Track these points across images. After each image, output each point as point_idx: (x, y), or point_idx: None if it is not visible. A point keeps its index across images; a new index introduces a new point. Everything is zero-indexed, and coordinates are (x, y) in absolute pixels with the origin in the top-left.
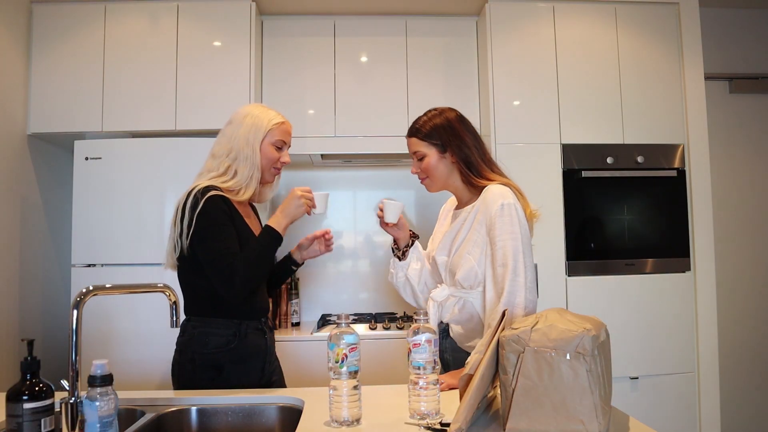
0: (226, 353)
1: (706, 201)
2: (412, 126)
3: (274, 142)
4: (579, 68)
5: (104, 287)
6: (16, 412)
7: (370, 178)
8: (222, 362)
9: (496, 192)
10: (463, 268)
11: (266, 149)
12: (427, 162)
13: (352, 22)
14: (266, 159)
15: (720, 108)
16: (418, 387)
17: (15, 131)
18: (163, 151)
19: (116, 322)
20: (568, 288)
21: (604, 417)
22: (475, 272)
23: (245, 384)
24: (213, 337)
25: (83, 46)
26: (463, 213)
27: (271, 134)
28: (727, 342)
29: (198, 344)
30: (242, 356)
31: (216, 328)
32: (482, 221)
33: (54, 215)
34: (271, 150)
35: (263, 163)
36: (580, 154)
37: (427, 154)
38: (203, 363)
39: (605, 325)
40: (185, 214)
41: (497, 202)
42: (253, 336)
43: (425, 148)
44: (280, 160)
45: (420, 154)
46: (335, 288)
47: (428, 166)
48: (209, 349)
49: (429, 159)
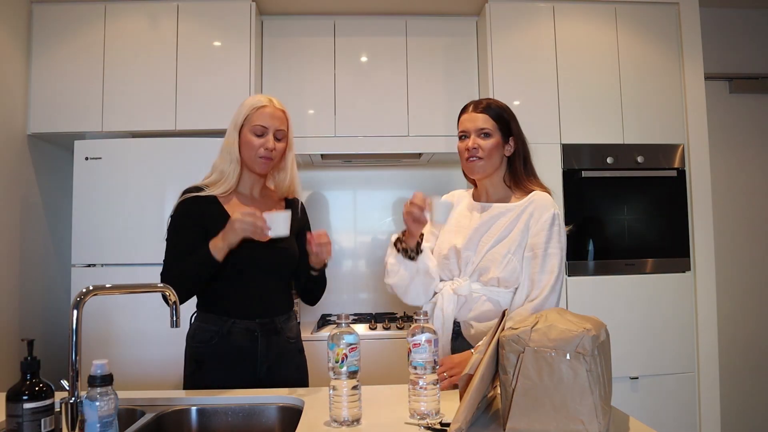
0: (207, 348)
1: (706, 201)
2: (481, 103)
3: (252, 128)
4: (579, 68)
5: (104, 287)
6: (16, 412)
7: (370, 178)
8: (203, 357)
9: (549, 200)
10: (506, 268)
11: (245, 138)
12: (492, 143)
13: (352, 22)
14: (246, 148)
15: (720, 108)
16: (418, 387)
17: (15, 131)
18: (163, 151)
19: (116, 322)
20: (568, 288)
21: (604, 417)
22: (518, 274)
23: (227, 385)
24: (200, 331)
25: (83, 46)
26: (500, 210)
27: (249, 120)
28: (727, 342)
29: (190, 337)
30: (223, 355)
31: (204, 323)
32: (528, 224)
33: (54, 215)
34: (250, 138)
35: (244, 153)
36: (580, 154)
37: (493, 135)
38: (189, 355)
39: (605, 325)
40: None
41: (550, 210)
42: (238, 336)
43: (493, 128)
44: (263, 147)
45: (488, 131)
46: (335, 288)
47: (491, 147)
48: (194, 343)
49: (493, 140)
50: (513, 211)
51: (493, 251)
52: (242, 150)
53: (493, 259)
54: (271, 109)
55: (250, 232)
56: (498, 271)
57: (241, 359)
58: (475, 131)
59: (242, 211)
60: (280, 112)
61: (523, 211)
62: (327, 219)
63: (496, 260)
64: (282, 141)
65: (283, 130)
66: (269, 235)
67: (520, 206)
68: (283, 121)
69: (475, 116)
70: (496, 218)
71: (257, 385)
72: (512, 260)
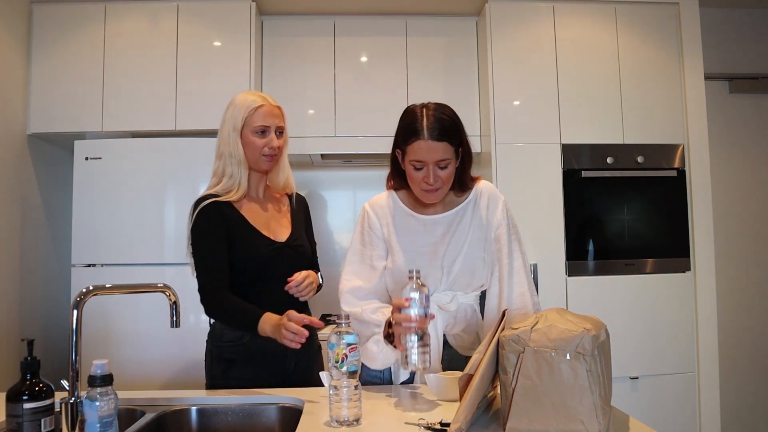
0: (238, 347)
1: (706, 201)
2: (434, 125)
3: (254, 129)
4: (579, 68)
5: (104, 287)
6: (16, 412)
7: (370, 178)
8: (234, 356)
9: (492, 189)
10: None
11: (248, 139)
12: (451, 170)
13: (352, 22)
14: (250, 150)
15: (720, 108)
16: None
17: (15, 131)
18: (163, 151)
19: (116, 322)
20: (568, 288)
21: (604, 417)
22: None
23: (259, 383)
24: (229, 330)
25: (83, 46)
26: (449, 217)
27: (249, 122)
28: (727, 342)
29: (216, 337)
30: (254, 353)
31: None
32: (482, 220)
33: (54, 215)
34: (252, 139)
35: (249, 155)
36: (580, 154)
37: (452, 161)
38: (218, 355)
39: (605, 325)
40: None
41: (501, 199)
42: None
43: (452, 155)
44: (268, 146)
45: (447, 162)
46: (334, 288)
47: (450, 174)
48: (223, 342)
49: (452, 166)
50: (466, 208)
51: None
52: (246, 151)
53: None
54: (269, 107)
55: (287, 341)
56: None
57: (274, 359)
58: (433, 163)
59: (292, 326)
60: (277, 108)
61: (478, 206)
62: (326, 219)
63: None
64: (281, 137)
65: (282, 126)
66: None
67: (471, 201)
68: (281, 118)
69: (434, 146)
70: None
71: (287, 381)
72: (480, 263)
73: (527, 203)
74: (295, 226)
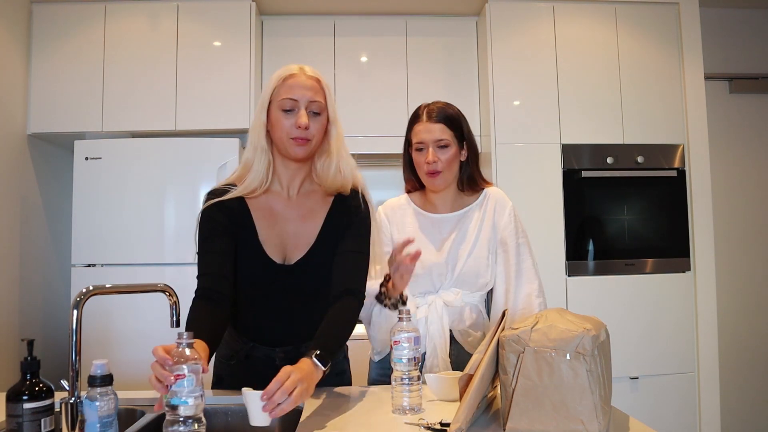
0: (226, 366)
1: (706, 201)
2: (434, 110)
3: (280, 104)
4: (579, 68)
5: (104, 287)
6: (16, 412)
7: (370, 178)
8: (223, 373)
9: (501, 195)
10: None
11: (274, 116)
12: (451, 154)
13: (352, 22)
14: (276, 130)
15: (720, 108)
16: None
17: (15, 131)
18: (163, 151)
19: (116, 322)
20: (568, 288)
21: (604, 417)
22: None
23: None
24: (223, 345)
25: (83, 46)
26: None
27: (276, 96)
28: (727, 342)
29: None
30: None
31: (228, 338)
32: (489, 222)
33: (54, 215)
34: (278, 117)
35: (275, 138)
36: (580, 154)
37: (451, 145)
38: (214, 367)
39: (605, 325)
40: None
41: (509, 204)
42: (257, 362)
43: (450, 138)
44: (296, 125)
45: (446, 142)
46: None
47: (450, 158)
48: (217, 356)
49: (452, 150)
50: (475, 210)
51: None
52: (273, 134)
53: (477, 265)
54: (302, 78)
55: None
56: (487, 275)
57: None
58: (432, 143)
59: (159, 356)
60: (313, 80)
61: (486, 209)
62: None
63: (482, 265)
64: (321, 115)
65: (319, 101)
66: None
67: (479, 204)
68: (317, 91)
69: (431, 126)
70: (465, 225)
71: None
72: (487, 263)
73: (527, 203)
74: (322, 239)
